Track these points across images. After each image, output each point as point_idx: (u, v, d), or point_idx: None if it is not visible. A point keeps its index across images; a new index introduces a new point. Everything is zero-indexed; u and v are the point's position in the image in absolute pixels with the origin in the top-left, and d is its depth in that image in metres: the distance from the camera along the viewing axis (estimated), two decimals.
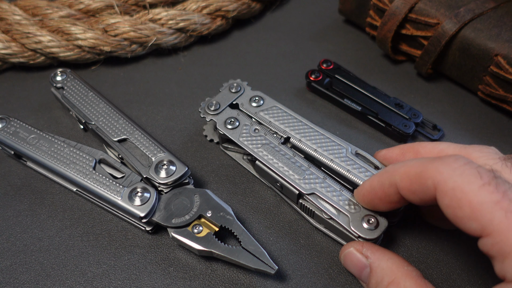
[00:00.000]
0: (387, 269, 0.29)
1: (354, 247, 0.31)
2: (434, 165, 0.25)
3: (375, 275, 0.30)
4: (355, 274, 0.32)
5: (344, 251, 0.32)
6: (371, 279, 0.30)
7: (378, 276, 0.29)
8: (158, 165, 0.36)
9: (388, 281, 0.29)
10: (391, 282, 0.28)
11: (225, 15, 0.50)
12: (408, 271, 0.29)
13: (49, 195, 0.39)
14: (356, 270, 0.31)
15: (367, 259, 0.30)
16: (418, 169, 0.26)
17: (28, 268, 0.35)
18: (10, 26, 0.46)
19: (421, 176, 0.26)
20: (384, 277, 0.29)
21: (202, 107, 0.40)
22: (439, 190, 0.25)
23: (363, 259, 0.31)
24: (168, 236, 0.36)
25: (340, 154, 0.36)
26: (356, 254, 0.31)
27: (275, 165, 0.36)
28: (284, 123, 0.38)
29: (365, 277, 0.31)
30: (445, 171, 0.25)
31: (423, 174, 0.26)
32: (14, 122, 0.39)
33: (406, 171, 0.27)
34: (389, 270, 0.29)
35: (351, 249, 0.31)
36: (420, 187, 0.26)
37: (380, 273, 0.29)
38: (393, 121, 0.41)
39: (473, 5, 0.41)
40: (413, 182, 0.27)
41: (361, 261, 0.31)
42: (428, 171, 0.26)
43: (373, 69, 0.48)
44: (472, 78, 0.43)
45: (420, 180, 0.26)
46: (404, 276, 0.28)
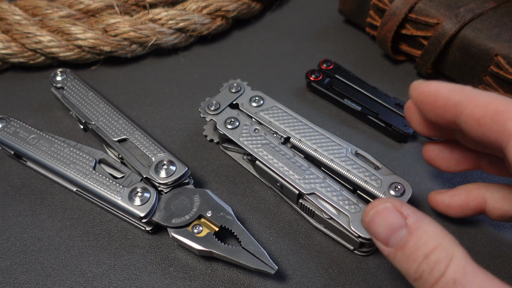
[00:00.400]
0: (431, 233, 0.25)
1: (392, 203, 0.27)
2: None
3: (416, 237, 0.25)
4: (382, 236, 0.26)
5: (377, 206, 0.27)
6: (409, 241, 0.25)
7: (421, 239, 0.25)
8: (158, 165, 0.36)
9: (434, 245, 0.25)
10: (437, 247, 0.24)
11: (225, 15, 0.50)
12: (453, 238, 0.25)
13: (49, 195, 0.39)
14: (388, 230, 0.26)
15: (407, 218, 0.26)
16: (502, 106, 0.24)
17: (28, 268, 0.35)
18: (10, 26, 0.46)
19: (503, 114, 0.24)
20: (428, 240, 0.25)
21: (202, 107, 0.40)
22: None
23: (400, 217, 0.26)
24: (168, 236, 0.36)
25: (340, 154, 0.36)
26: (393, 211, 0.26)
27: (275, 165, 0.36)
28: (284, 123, 0.38)
29: (396, 239, 0.26)
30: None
31: (506, 113, 0.24)
32: (14, 122, 0.39)
33: (487, 102, 0.25)
34: (434, 233, 0.25)
35: (388, 204, 0.27)
36: (495, 124, 0.24)
37: (424, 236, 0.25)
38: (393, 121, 0.41)
39: (473, 5, 0.41)
40: (489, 116, 0.25)
41: (399, 220, 0.26)
42: None
43: (373, 69, 0.48)
44: (472, 78, 0.43)
45: (499, 118, 0.24)
46: (452, 242, 0.25)
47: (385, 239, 0.26)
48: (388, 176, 0.34)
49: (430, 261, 0.24)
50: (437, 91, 0.28)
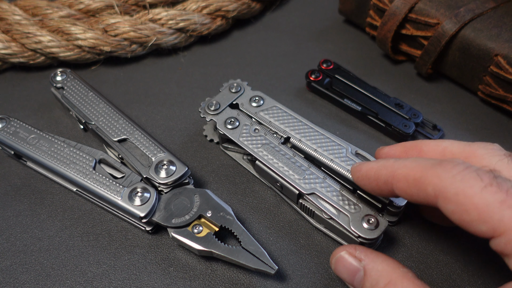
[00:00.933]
0: (382, 271, 0.28)
1: (346, 250, 0.30)
2: (434, 172, 0.25)
3: (369, 278, 0.29)
4: (347, 280, 0.30)
5: (335, 255, 0.31)
6: (366, 282, 0.29)
7: (373, 279, 0.28)
8: (158, 165, 0.36)
9: (384, 283, 0.28)
10: (388, 284, 0.28)
11: (225, 15, 0.50)
12: (403, 272, 0.28)
13: (49, 195, 0.39)
14: (349, 274, 0.30)
15: (361, 261, 0.29)
16: (417, 174, 0.26)
17: (28, 268, 0.35)
18: (10, 26, 0.46)
19: (420, 181, 0.26)
20: (379, 279, 0.28)
21: (202, 107, 0.40)
22: (442, 197, 0.25)
23: (356, 262, 0.29)
24: (168, 236, 0.36)
25: (340, 154, 0.36)
26: (348, 257, 0.30)
27: (275, 165, 0.36)
28: (284, 123, 0.38)
29: (358, 282, 0.29)
30: (446, 177, 0.24)
31: (422, 180, 0.26)
32: (14, 122, 0.39)
33: (405, 174, 0.27)
34: (385, 271, 0.28)
35: (343, 253, 0.30)
36: (419, 192, 0.26)
37: (375, 275, 0.28)
38: (393, 121, 0.41)
39: (473, 5, 0.41)
40: (412, 186, 0.26)
41: (354, 265, 0.29)
42: (428, 177, 0.25)
43: (373, 69, 0.48)
44: (472, 78, 0.43)
45: (420, 186, 0.26)
46: (401, 277, 0.28)
47: (350, 281, 0.30)
48: None
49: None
50: (367, 174, 0.30)
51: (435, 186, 0.25)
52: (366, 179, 0.30)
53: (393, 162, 0.28)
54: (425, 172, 0.26)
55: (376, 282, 0.28)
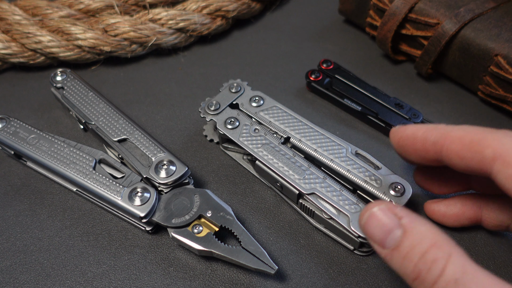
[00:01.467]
0: (426, 232, 0.25)
1: (385, 204, 0.27)
2: (495, 135, 0.25)
3: (411, 237, 0.25)
4: (377, 238, 0.26)
5: (371, 209, 0.27)
6: (405, 241, 0.25)
7: (415, 238, 0.25)
8: (158, 165, 0.36)
9: (430, 243, 0.24)
10: (433, 245, 0.24)
11: (225, 15, 0.50)
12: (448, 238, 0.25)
13: (49, 195, 0.39)
14: (382, 231, 0.26)
15: (401, 219, 0.26)
16: (476, 136, 0.25)
17: (28, 268, 0.35)
18: (10, 26, 0.46)
19: (478, 144, 0.25)
20: (423, 239, 0.25)
21: (202, 107, 0.40)
22: (501, 160, 0.24)
23: (394, 219, 0.26)
24: (168, 236, 0.36)
25: (340, 154, 0.36)
26: (387, 212, 0.26)
27: (275, 165, 0.36)
28: (284, 123, 0.38)
29: (391, 241, 0.26)
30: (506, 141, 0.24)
31: (482, 142, 0.25)
32: (14, 122, 0.39)
33: (461, 135, 0.26)
34: (430, 233, 0.25)
35: (382, 207, 0.27)
36: (474, 154, 0.25)
37: (418, 235, 0.25)
38: (393, 121, 0.41)
39: (473, 5, 0.41)
40: (467, 148, 0.25)
41: (392, 221, 0.26)
42: (488, 140, 0.25)
43: (373, 69, 0.48)
44: (472, 78, 0.43)
45: (476, 148, 0.25)
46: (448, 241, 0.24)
47: (381, 241, 0.26)
48: (388, 176, 0.34)
49: (427, 260, 0.24)
50: (414, 134, 0.29)
51: (495, 149, 0.24)
52: (411, 139, 0.29)
53: (445, 125, 0.27)
54: (484, 135, 0.25)
55: (419, 242, 0.25)
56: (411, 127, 0.29)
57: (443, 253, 0.24)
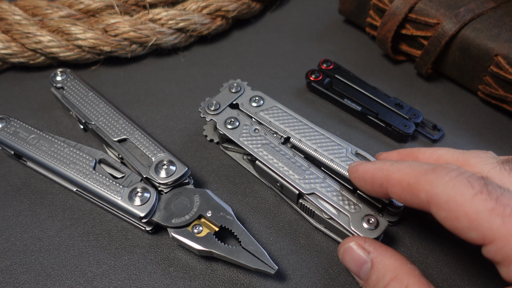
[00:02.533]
0: (389, 265, 0.28)
1: (355, 241, 0.30)
2: (427, 178, 0.26)
3: (376, 271, 0.29)
4: (353, 270, 0.31)
5: (344, 245, 0.31)
6: (372, 274, 0.29)
7: (380, 272, 0.29)
8: (158, 165, 0.36)
9: (391, 277, 0.28)
10: (394, 278, 0.28)
11: (225, 15, 0.50)
12: (411, 269, 0.28)
13: (49, 195, 0.39)
14: (356, 265, 0.30)
15: (369, 254, 0.29)
16: (411, 179, 0.26)
17: (28, 268, 0.35)
18: (10, 26, 0.46)
19: (413, 187, 0.26)
20: (386, 273, 0.28)
21: (202, 107, 0.40)
22: (434, 203, 0.25)
23: (364, 254, 0.30)
24: (168, 236, 0.36)
25: (340, 154, 0.36)
26: (357, 248, 0.30)
27: (275, 165, 0.36)
28: (284, 123, 0.38)
29: (364, 273, 0.30)
30: (438, 184, 0.25)
31: (415, 186, 0.26)
32: (14, 122, 0.39)
33: (399, 179, 0.27)
34: (392, 266, 0.28)
35: (352, 244, 0.30)
36: (412, 197, 0.26)
37: (382, 269, 0.29)
38: (393, 121, 0.41)
39: (473, 5, 0.41)
40: (405, 191, 0.27)
41: (362, 256, 0.30)
42: (421, 183, 0.26)
43: (373, 69, 0.48)
44: (472, 78, 0.43)
45: (413, 191, 0.26)
46: (407, 273, 0.28)
47: (356, 272, 0.30)
48: None
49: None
50: (363, 175, 0.30)
51: (427, 192, 0.25)
52: (362, 181, 0.31)
53: (388, 166, 0.29)
54: (418, 178, 0.26)
55: (383, 276, 0.28)
56: (362, 168, 0.31)
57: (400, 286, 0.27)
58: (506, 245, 0.23)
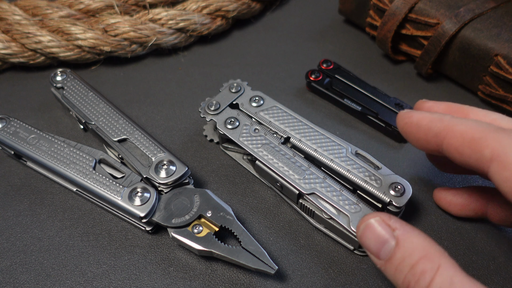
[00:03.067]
0: (418, 244, 0.26)
1: (380, 217, 0.27)
2: (496, 135, 0.24)
3: (402, 249, 0.26)
4: (371, 249, 0.27)
5: (366, 220, 0.28)
6: (397, 253, 0.26)
7: (407, 250, 0.25)
8: (158, 165, 0.36)
9: (420, 256, 0.25)
10: (424, 257, 0.25)
11: (225, 15, 0.50)
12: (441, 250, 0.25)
13: (49, 195, 0.39)
14: (377, 243, 0.27)
15: (394, 231, 0.26)
16: (477, 134, 0.25)
17: (28, 268, 0.35)
18: (10, 26, 0.46)
19: (478, 142, 0.25)
20: (414, 251, 0.25)
21: (202, 107, 0.40)
22: (498, 161, 0.24)
23: (387, 231, 0.27)
24: (168, 236, 0.36)
25: (340, 154, 0.36)
26: (381, 225, 0.27)
27: (275, 165, 0.36)
28: (284, 123, 0.38)
29: (386, 252, 0.26)
30: (507, 144, 0.24)
31: (481, 141, 0.25)
32: (14, 122, 0.39)
33: (463, 131, 0.26)
34: (421, 245, 0.26)
35: (376, 219, 0.27)
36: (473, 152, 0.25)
37: (410, 247, 0.26)
38: (393, 121, 0.41)
39: (473, 5, 0.41)
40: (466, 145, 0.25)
41: (385, 234, 0.27)
42: (488, 139, 0.24)
43: (373, 69, 0.48)
44: (472, 78, 0.43)
45: (476, 146, 0.25)
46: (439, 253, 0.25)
47: (376, 252, 0.27)
48: (388, 176, 0.34)
49: (416, 271, 0.24)
50: (419, 122, 0.29)
51: (493, 149, 0.24)
52: (415, 127, 0.29)
53: (450, 118, 0.27)
54: (485, 133, 0.25)
55: (410, 254, 0.25)
56: (417, 114, 0.29)
57: (432, 265, 0.24)
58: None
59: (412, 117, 0.29)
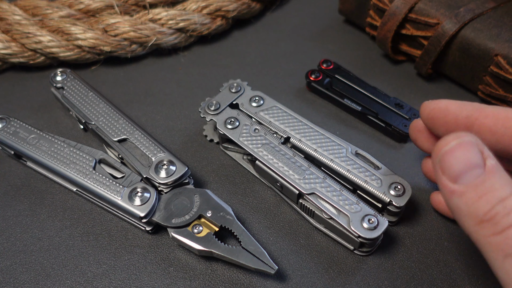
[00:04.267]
0: (510, 180, 0.24)
1: (475, 139, 0.25)
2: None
3: (493, 179, 0.24)
4: (455, 169, 0.24)
5: (462, 137, 0.25)
6: (486, 181, 0.24)
7: (498, 182, 0.24)
8: (158, 165, 0.36)
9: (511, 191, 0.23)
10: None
11: (225, 15, 0.50)
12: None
13: (49, 195, 0.39)
14: (463, 164, 0.24)
15: (487, 160, 0.24)
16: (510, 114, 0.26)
17: (28, 268, 0.35)
18: (10, 26, 0.46)
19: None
20: (506, 185, 0.23)
21: (202, 107, 0.40)
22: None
23: (480, 156, 0.24)
24: (168, 236, 0.36)
25: (340, 154, 0.36)
26: (476, 147, 0.24)
27: (275, 165, 0.36)
28: (284, 123, 0.38)
29: (471, 177, 0.24)
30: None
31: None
32: (14, 122, 0.39)
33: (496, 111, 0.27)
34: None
35: (474, 139, 0.25)
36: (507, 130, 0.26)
37: (501, 180, 0.24)
38: (393, 121, 0.41)
39: (473, 5, 0.41)
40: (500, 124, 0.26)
41: (479, 158, 0.24)
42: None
43: (373, 69, 0.48)
44: (472, 78, 0.43)
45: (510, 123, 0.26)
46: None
47: (456, 174, 0.25)
48: (388, 176, 0.34)
49: (507, 204, 0.23)
50: (447, 107, 0.29)
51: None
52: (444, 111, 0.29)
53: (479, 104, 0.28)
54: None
55: (501, 187, 0.24)
56: (444, 101, 0.30)
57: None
58: None
59: (440, 103, 0.30)
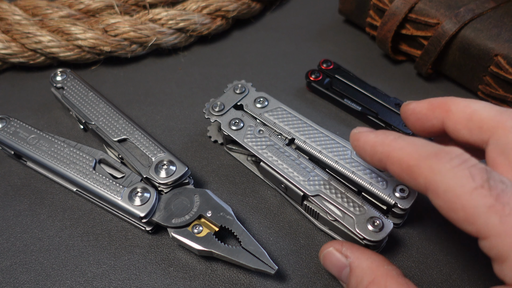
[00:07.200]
0: (366, 269, 0.29)
1: (333, 246, 0.31)
2: (427, 163, 0.25)
3: (355, 275, 0.29)
4: (335, 275, 0.31)
5: (324, 251, 0.31)
6: (351, 279, 0.29)
7: (358, 276, 0.29)
8: (158, 165, 0.36)
9: (368, 280, 0.28)
10: (371, 282, 0.28)
11: (225, 15, 0.50)
12: (388, 270, 0.28)
13: (49, 195, 0.39)
14: (336, 270, 0.30)
15: (347, 258, 0.30)
16: (411, 161, 0.26)
17: (28, 268, 0.35)
18: (10, 26, 0.46)
19: (413, 170, 0.25)
20: (363, 276, 0.28)
21: (207, 108, 0.39)
22: (431, 190, 0.24)
23: (342, 258, 0.30)
24: (168, 236, 0.36)
25: (345, 156, 0.35)
26: (335, 253, 0.30)
27: (279, 166, 0.35)
28: (288, 124, 0.38)
29: (345, 277, 0.30)
30: (438, 171, 0.24)
31: (415, 169, 0.25)
32: (14, 122, 0.39)
33: (399, 158, 0.26)
34: (369, 269, 0.29)
35: (331, 249, 0.31)
36: (411, 179, 0.26)
37: (360, 273, 0.29)
38: (393, 121, 0.41)
39: (473, 5, 0.42)
40: (404, 172, 0.26)
41: (341, 261, 0.30)
42: (421, 167, 0.25)
43: (373, 69, 0.48)
44: (472, 78, 0.43)
45: (412, 174, 0.25)
46: (385, 275, 0.28)
47: (338, 276, 0.31)
48: (393, 178, 0.34)
49: None
50: (364, 146, 0.30)
51: (426, 178, 0.24)
52: (362, 151, 0.30)
53: (391, 141, 0.27)
54: (419, 161, 0.25)
55: (361, 280, 0.28)
56: (363, 138, 0.30)
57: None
58: (501, 243, 0.22)
59: (359, 140, 0.30)
